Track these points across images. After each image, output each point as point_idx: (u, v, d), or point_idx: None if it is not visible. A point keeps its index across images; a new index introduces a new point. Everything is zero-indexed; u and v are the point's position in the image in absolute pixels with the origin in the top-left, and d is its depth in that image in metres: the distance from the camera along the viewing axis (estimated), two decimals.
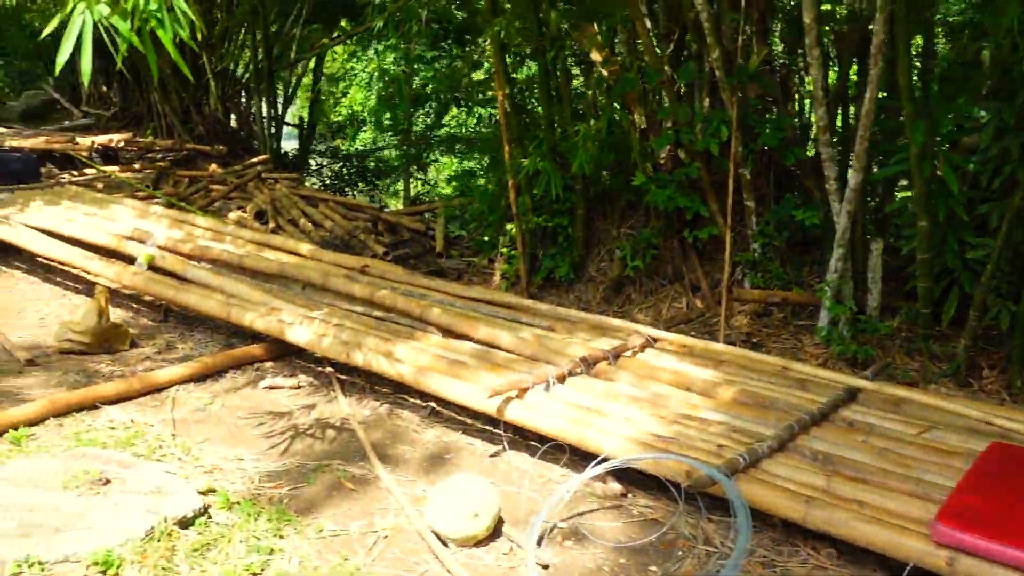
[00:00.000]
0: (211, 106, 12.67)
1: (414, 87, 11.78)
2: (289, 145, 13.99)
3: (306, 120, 13.87)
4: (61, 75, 19.78)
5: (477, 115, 12.68)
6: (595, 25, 6.06)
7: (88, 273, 5.78)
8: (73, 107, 16.72)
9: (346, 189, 13.54)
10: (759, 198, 5.68)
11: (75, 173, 9.74)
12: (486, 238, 7.29)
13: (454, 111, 12.90)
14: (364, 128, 16.15)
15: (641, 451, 3.07)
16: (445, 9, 10.31)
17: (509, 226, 6.77)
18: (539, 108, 6.97)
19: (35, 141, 10.19)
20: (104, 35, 2.74)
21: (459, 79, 10.95)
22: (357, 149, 15.29)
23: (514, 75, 7.93)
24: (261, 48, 11.70)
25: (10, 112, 18.38)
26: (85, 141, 10.37)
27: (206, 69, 12.33)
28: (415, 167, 12.97)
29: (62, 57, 2.65)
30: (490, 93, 10.26)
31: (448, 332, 4.58)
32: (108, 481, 2.91)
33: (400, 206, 12.73)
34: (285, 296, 5.24)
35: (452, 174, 12.97)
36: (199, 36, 3.03)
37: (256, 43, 11.75)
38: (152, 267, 5.59)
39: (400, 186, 13.66)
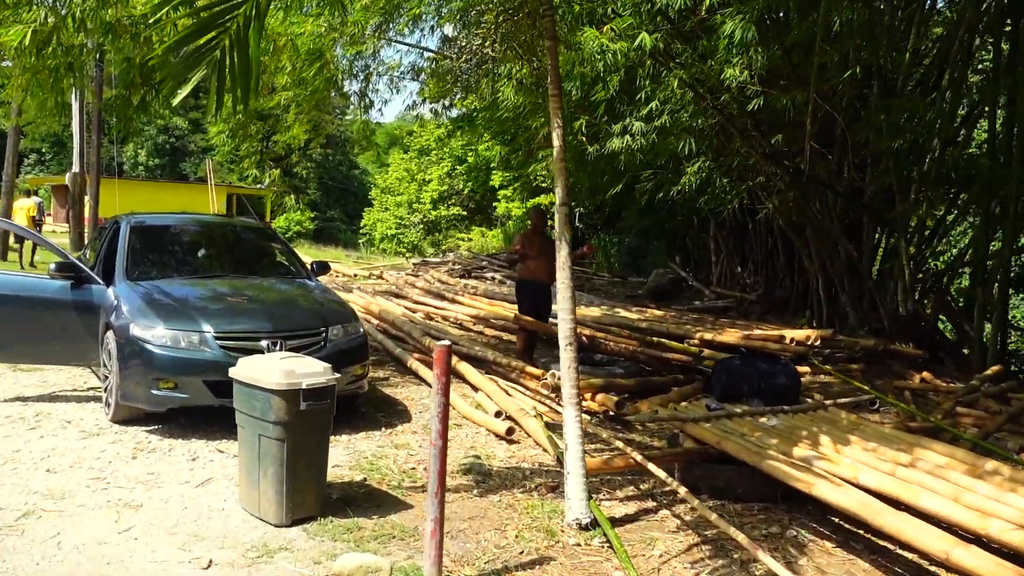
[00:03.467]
0: (900, 297, 10.56)
1: None
2: None
3: None
4: (684, 252, 19.87)
5: None
6: None
7: None
8: (704, 287, 16.22)
9: None
10: None
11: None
12: None
13: None
14: None
15: None
16: None
17: None
18: None
19: (731, 335, 8.98)
20: None
21: None
22: None
23: None
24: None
25: (633, 289, 18.71)
26: (789, 337, 8.86)
27: (901, 253, 10.33)
28: None
29: None
30: None
31: None
32: None
33: None
34: None
35: None
36: None
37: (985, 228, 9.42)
38: None
39: None
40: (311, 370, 4.37)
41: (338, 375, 4.48)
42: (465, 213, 33.88)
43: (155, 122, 40.92)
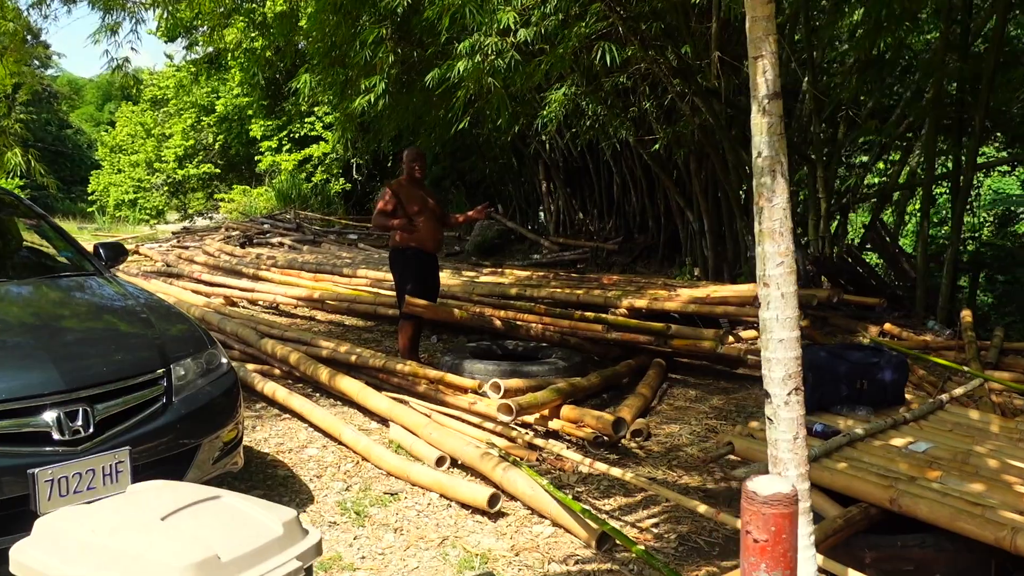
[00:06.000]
0: (813, 235, 9.14)
1: None
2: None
3: None
4: (513, 201, 17.66)
5: None
6: None
7: None
8: (541, 238, 14.17)
9: None
10: None
11: None
12: None
13: None
14: None
15: None
16: None
17: None
18: None
19: (668, 299, 6.90)
20: None
21: None
22: None
23: None
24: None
25: (448, 246, 16.31)
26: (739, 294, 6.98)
27: (816, 183, 8.89)
28: None
29: None
30: None
31: None
32: None
33: None
34: None
35: None
36: None
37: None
38: None
39: None
40: (251, 532, 1.69)
41: (318, 537, 1.83)
42: (218, 171, 29.55)
43: None
